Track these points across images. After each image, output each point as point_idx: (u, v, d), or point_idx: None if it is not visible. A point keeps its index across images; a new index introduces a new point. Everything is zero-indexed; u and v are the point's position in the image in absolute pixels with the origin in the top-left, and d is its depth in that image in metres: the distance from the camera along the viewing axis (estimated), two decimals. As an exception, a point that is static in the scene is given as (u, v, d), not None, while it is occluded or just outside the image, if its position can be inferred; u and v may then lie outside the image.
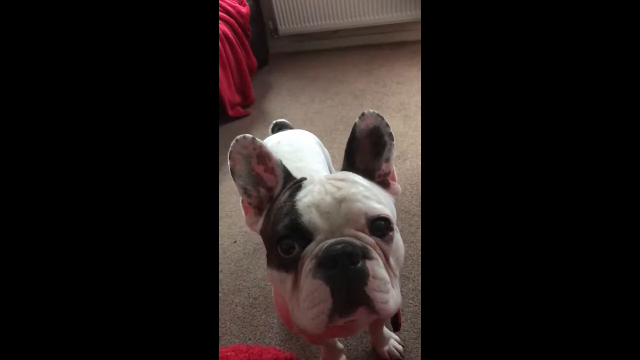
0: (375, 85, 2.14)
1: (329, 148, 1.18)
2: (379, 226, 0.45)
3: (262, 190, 0.55)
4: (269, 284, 1.10)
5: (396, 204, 1.38)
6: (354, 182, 0.49)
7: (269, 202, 0.55)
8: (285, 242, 0.45)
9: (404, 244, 1.14)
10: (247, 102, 2.22)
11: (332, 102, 2.07)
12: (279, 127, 1.09)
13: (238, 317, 1.04)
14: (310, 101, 2.12)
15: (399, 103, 1.91)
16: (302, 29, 2.72)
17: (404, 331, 0.92)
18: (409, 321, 0.94)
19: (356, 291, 0.41)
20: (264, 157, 0.52)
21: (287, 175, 0.54)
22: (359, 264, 0.41)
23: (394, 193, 0.56)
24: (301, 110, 2.06)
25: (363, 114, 0.50)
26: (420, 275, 1.04)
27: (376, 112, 0.51)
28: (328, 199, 0.45)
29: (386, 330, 0.88)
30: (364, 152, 0.53)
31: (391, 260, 0.46)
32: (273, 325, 1.01)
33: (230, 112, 2.07)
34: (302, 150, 0.89)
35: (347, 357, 0.89)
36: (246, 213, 0.56)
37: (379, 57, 2.48)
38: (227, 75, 2.04)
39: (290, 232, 0.45)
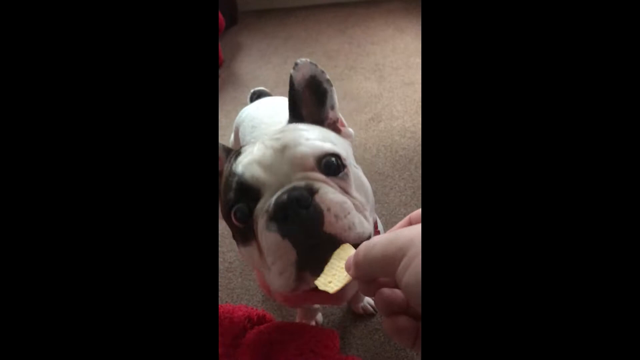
0: (349, 45, 2.08)
1: (301, 110, 1.16)
2: (330, 163, 0.41)
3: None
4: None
5: (370, 166, 1.38)
6: (295, 129, 0.46)
7: None
8: (236, 209, 0.42)
9: (377, 204, 1.15)
10: (216, 63, 2.12)
11: (305, 63, 2.00)
12: (257, 95, 1.05)
13: (214, 282, 1.04)
14: (283, 62, 2.04)
15: (374, 64, 1.87)
16: (272, -15, 2.58)
17: (377, 288, 0.95)
18: (382, 278, 0.97)
19: (316, 233, 0.38)
20: None
21: (228, 151, 0.51)
22: (310, 206, 0.38)
23: (347, 136, 0.53)
24: (273, 71, 1.99)
25: (296, 64, 0.47)
26: (393, 235, 1.06)
27: (309, 60, 0.48)
28: (269, 152, 0.42)
29: (360, 288, 0.90)
30: (307, 103, 0.51)
31: (354, 193, 0.42)
32: (249, 288, 1.02)
33: (199, 75, 1.98)
34: (284, 112, 0.86)
35: (322, 315, 0.92)
36: None
37: (354, 16, 2.40)
38: (194, 35, 1.93)
39: (237, 196, 0.42)
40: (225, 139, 1.29)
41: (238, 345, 0.46)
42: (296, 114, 0.50)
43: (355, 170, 0.46)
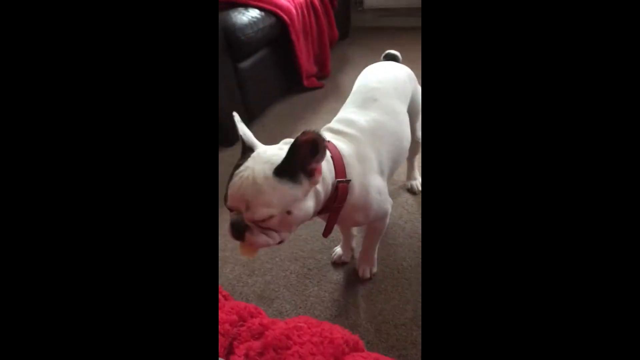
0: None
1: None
2: (262, 221, 0.68)
3: None
4: (323, 256, 1.10)
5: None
6: (271, 186, 0.65)
7: None
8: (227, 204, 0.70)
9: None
10: (322, 73, 2.20)
11: (410, 83, 1.97)
12: (388, 58, 1.15)
13: (291, 285, 1.06)
14: (388, 80, 2.04)
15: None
16: (388, 3, 2.61)
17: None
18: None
19: (239, 237, 0.69)
20: None
21: (245, 149, 0.73)
22: (242, 231, 0.68)
23: (313, 183, 0.69)
24: (377, 88, 1.99)
25: (304, 133, 0.62)
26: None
27: (315, 130, 0.62)
28: (247, 183, 0.65)
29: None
30: (303, 154, 0.65)
31: (270, 230, 0.69)
32: (324, 299, 1.01)
33: (305, 83, 2.06)
34: (383, 85, 0.97)
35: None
36: None
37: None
38: (308, 44, 2.02)
39: (225, 199, 0.70)
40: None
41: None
42: (285, 167, 0.66)
43: (283, 217, 0.67)
